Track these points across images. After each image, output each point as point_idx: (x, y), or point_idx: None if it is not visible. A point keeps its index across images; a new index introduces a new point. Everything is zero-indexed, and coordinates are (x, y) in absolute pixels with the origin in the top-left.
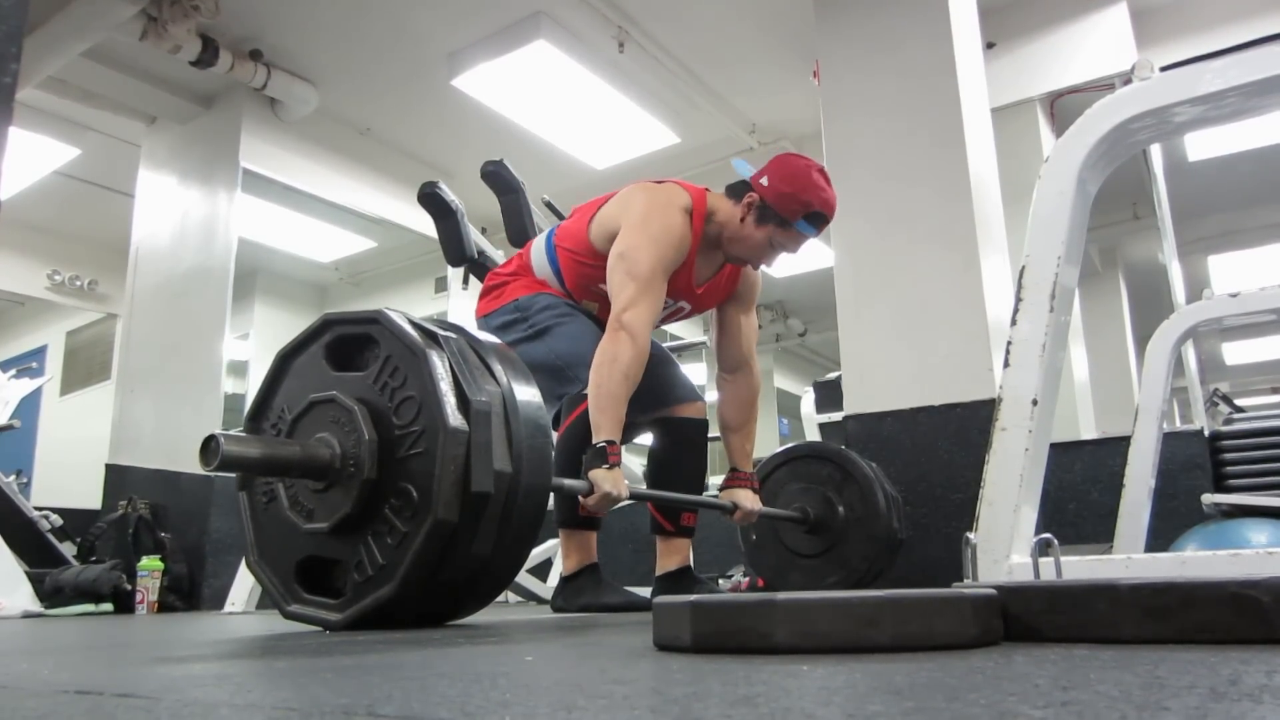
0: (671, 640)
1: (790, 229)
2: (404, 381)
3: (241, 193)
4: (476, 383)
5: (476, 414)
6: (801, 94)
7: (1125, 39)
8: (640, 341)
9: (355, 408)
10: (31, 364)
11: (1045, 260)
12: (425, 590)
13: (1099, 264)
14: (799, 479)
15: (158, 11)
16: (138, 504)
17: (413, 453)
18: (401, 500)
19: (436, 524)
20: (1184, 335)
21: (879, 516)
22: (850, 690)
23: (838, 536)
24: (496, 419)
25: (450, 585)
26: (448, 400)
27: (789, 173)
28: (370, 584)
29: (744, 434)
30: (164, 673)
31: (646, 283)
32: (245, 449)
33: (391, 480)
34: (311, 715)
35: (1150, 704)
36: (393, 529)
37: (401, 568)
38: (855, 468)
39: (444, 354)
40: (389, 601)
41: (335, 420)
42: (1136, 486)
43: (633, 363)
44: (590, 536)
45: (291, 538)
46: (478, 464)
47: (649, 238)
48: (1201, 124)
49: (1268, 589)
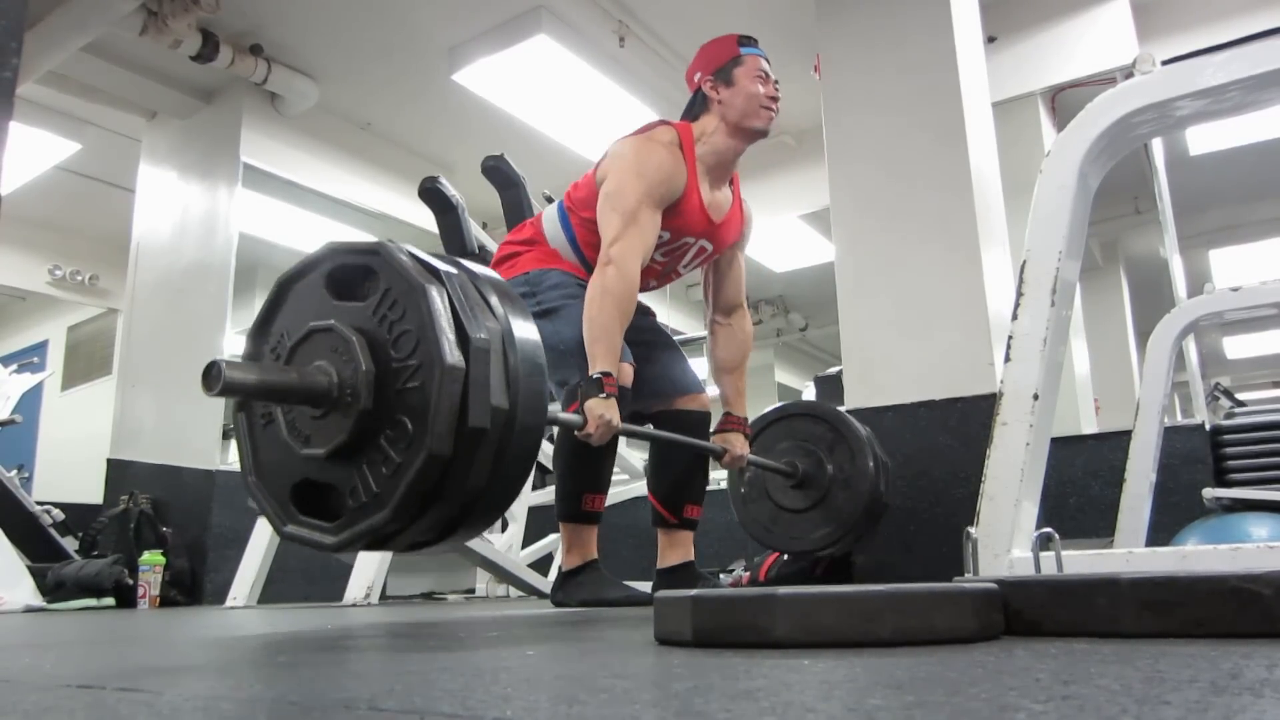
0: (673, 635)
1: (741, 63)
2: (403, 315)
3: (242, 188)
4: (476, 319)
5: (475, 350)
6: (802, 88)
7: (1126, 33)
8: (629, 273)
9: (353, 338)
10: (33, 359)
11: (1046, 255)
12: (418, 519)
13: (1100, 258)
14: (791, 436)
15: (158, 6)
16: (139, 499)
17: (409, 386)
18: (396, 431)
19: (430, 457)
20: (1185, 330)
21: (866, 478)
22: (851, 684)
23: (824, 494)
24: (495, 356)
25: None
26: (446, 336)
27: (700, 50)
28: (364, 510)
29: (738, 375)
30: (166, 667)
31: (633, 215)
32: (245, 375)
33: (388, 411)
34: (313, 710)
35: (1151, 698)
36: (387, 459)
37: (395, 496)
38: (848, 428)
39: (444, 290)
40: (382, 527)
41: (334, 349)
42: (1137, 481)
43: (624, 294)
44: (591, 531)
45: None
46: (475, 400)
47: (634, 174)
48: (1203, 118)
49: (1268, 583)
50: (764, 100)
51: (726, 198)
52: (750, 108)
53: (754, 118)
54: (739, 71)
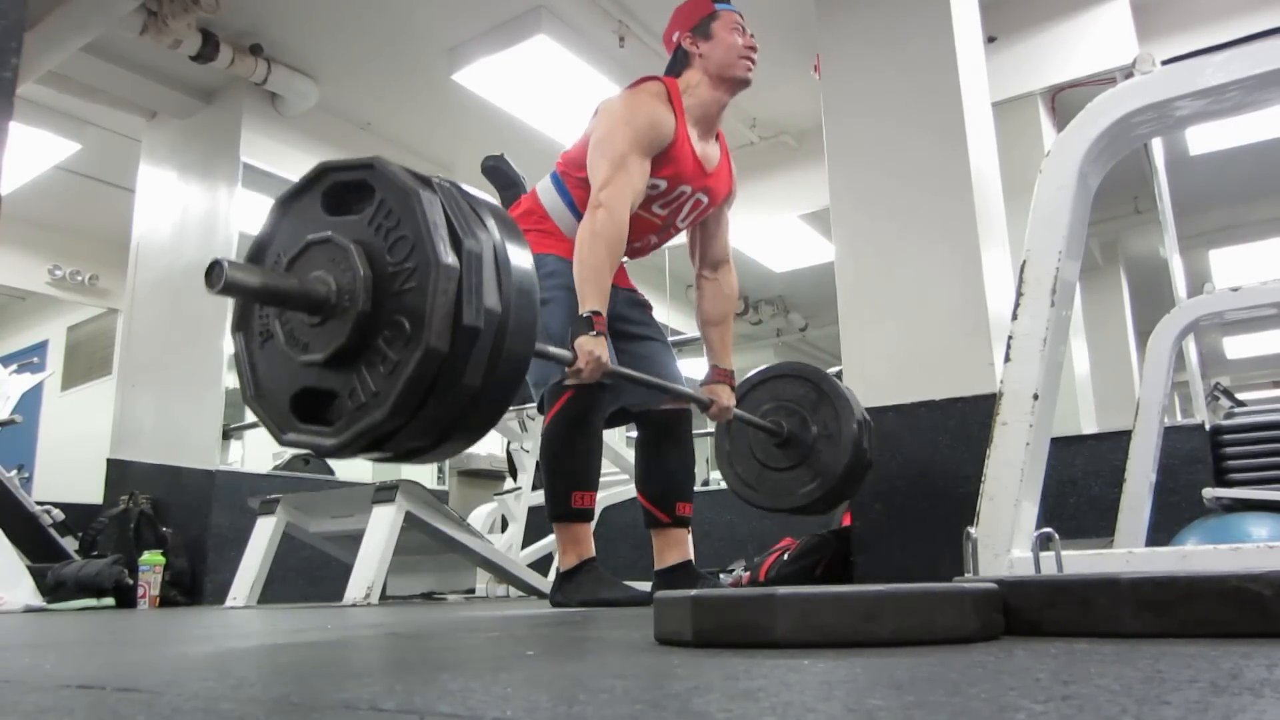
0: (673, 635)
1: (717, 17)
2: (398, 223)
3: (242, 187)
4: (469, 227)
5: (468, 254)
6: (802, 88)
7: (1126, 33)
8: (618, 215)
9: (350, 246)
10: (33, 359)
11: (1046, 255)
12: (416, 418)
13: (1100, 258)
14: (776, 397)
15: (158, 6)
16: (139, 499)
17: (406, 288)
18: (394, 331)
19: (428, 352)
20: (1185, 330)
21: (849, 435)
22: (851, 684)
23: (808, 451)
24: (488, 262)
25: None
26: (441, 236)
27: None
28: (363, 410)
29: (724, 328)
30: (166, 667)
31: (621, 160)
32: (248, 276)
33: (385, 314)
34: (313, 710)
35: (1151, 698)
36: (385, 358)
37: (393, 394)
38: (831, 388)
39: (436, 198)
40: (380, 425)
41: (331, 259)
42: (1137, 481)
43: (614, 236)
44: (584, 529)
45: (288, 372)
46: (468, 300)
47: (623, 121)
48: (1203, 118)
49: (1269, 583)
50: (743, 50)
51: (716, 152)
52: (730, 58)
53: (734, 67)
54: (716, 25)
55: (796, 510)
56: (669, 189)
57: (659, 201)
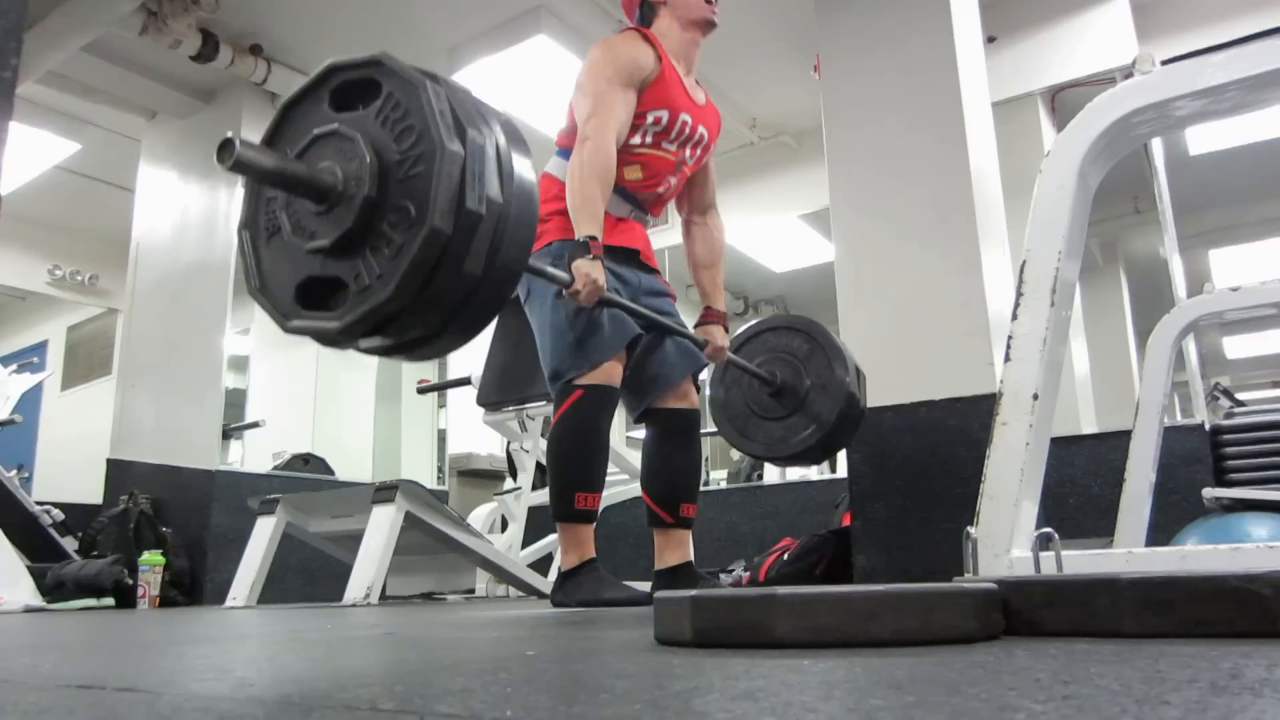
0: (673, 635)
1: None
2: (405, 113)
3: (242, 187)
4: (474, 121)
5: (472, 143)
6: (802, 88)
7: (1126, 33)
8: (603, 145)
9: (357, 135)
10: (32, 359)
11: (1046, 255)
12: (419, 299)
13: (1100, 258)
14: (769, 350)
15: (158, 6)
16: (139, 499)
17: (411, 174)
18: (399, 216)
19: (432, 231)
20: (1185, 329)
21: (843, 382)
22: (851, 684)
23: (802, 399)
24: (490, 155)
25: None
26: (446, 125)
27: None
28: (367, 292)
29: (714, 270)
30: (165, 667)
31: (602, 94)
32: (260, 156)
33: (390, 199)
34: (313, 710)
35: (1151, 698)
36: (389, 242)
37: (398, 274)
38: (824, 337)
39: (444, 90)
40: (384, 306)
41: (338, 150)
42: (1137, 480)
43: (601, 166)
44: (586, 530)
45: (293, 264)
46: (471, 186)
47: (601, 61)
48: (1203, 118)
49: (1268, 583)
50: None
51: (699, 90)
52: (696, 2)
53: (700, 9)
54: None
55: (793, 458)
56: (671, 120)
57: (667, 137)
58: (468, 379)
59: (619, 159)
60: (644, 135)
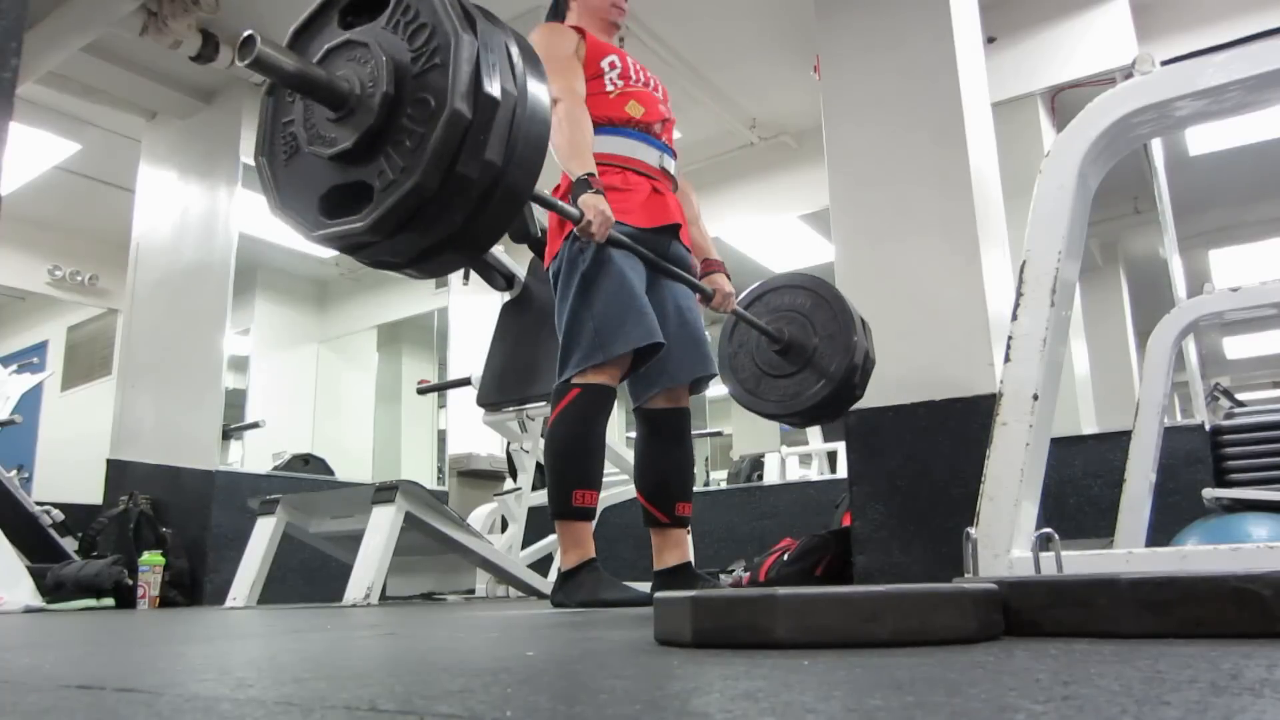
0: (672, 635)
1: None
2: (414, 15)
3: (242, 188)
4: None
5: (483, 34)
6: (802, 89)
7: (1126, 33)
8: (566, 98)
9: (370, 40)
10: (32, 359)
11: (1046, 255)
12: (444, 188)
13: (1100, 258)
14: (774, 309)
15: (158, 6)
16: (139, 499)
17: (428, 67)
18: (417, 109)
19: (453, 113)
20: (1185, 330)
21: (852, 333)
22: (851, 685)
23: (811, 354)
24: (500, 48)
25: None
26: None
27: None
28: (392, 187)
29: (698, 224)
30: (165, 667)
31: (560, 61)
32: (281, 56)
33: (408, 94)
34: (313, 711)
35: (1151, 698)
36: (411, 134)
37: (422, 163)
38: (828, 291)
39: None
40: (410, 196)
41: (352, 59)
42: (1137, 481)
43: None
44: (585, 529)
45: (314, 177)
46: (487, 73)
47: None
48: (1203, 118)
49: (1268, 583)
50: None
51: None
52: (602, 5)
53: (609, 13)
54: None
55: (808, 413)
56: (623, 62)
57: (629, 77)
58: (468, 379)
59: (616, 107)
60: (613, 81)
